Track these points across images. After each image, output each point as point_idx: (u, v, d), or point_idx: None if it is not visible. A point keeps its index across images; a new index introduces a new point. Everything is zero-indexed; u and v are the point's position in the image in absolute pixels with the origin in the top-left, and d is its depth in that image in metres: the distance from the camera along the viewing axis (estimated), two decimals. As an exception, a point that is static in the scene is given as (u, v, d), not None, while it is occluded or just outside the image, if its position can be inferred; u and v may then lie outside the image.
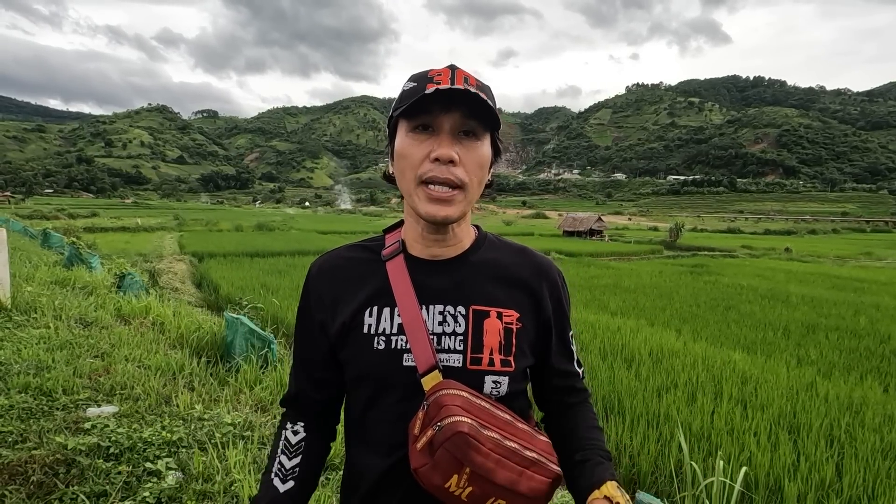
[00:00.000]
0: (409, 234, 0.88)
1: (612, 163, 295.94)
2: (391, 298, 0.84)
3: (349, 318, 0.85)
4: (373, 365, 0.83)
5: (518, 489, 0.72)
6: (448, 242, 0.86)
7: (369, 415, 0.85)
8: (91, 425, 2.64)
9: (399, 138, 0.80)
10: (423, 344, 0.80)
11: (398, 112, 0.78)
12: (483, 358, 0.82)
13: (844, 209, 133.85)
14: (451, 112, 0.76)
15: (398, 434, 0.80)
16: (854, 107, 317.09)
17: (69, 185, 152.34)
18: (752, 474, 3.42)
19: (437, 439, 0.71)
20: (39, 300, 5.40)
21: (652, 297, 12.12)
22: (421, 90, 0.75)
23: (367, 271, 0.88)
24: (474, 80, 0.79)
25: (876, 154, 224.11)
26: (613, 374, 5.42)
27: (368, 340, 0.83)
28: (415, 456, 0.73)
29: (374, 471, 0.83)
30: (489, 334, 0.83)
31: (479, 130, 0.79)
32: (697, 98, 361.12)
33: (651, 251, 33.34)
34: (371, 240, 0.93)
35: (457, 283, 0.85)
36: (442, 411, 0.73)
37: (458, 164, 0.77)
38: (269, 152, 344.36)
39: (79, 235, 17.14)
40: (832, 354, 7.15)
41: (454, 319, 0.83)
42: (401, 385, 0.81)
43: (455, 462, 0.70)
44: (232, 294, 9.74)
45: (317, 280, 0.89)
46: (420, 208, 0.79)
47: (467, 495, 0.71)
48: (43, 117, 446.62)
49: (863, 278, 19.21)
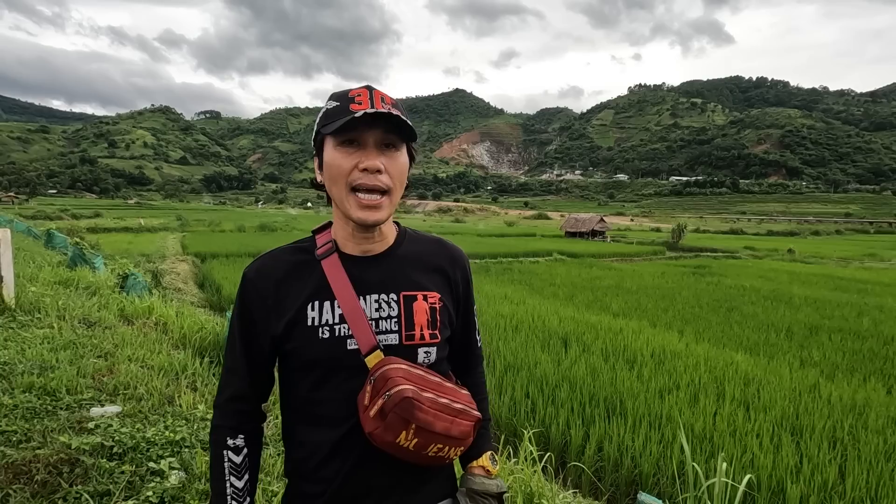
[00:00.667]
0: (339, 234, 1.00)
1: (615, 163, 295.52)
2: (330, 293, 0.95)
3: (293, 314, 0.95)
4: (320, 351, 0.94)
5: (451, 434, 0.91)
6: (376, 240, 0.99)
7: (318, 395, 0.95)
8: (95, 425, 2.65)
9: (328, 152, 0.92)
10: (364, 329, 0.94)
11: (327, 130, 0.89)
12: (415, 334, 0.97)
13: (848, 210, 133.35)
14: (374, 129, 0.89)
15: (348, 408, 0.93)
16: (857, 108, 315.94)
17: (73, 186, 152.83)
18: (754, 476, 3.42)
19: (388, 405, 0.85)
20: (43, 300, 5.42)
21: (654, 299, 12.11)
22: (345, 110, 0.88)
23: (303, 271, 0.98)
24: (390, 99, 0.92)
25: (879, 155, 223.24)
26: (616, 375, 5.42)
27: (314, 331, 0.94)
28: (368, 422, 0.88)
29: (327, 441, 0.95)
30: (418, 314, 0.98)
31: (398, 142, 0.93)
32: (700, 99, 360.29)
33: (653, 252, 33.27)
34: (302, 241, 1.03)
35: (387, 275, 0.99)
36: (388, 383, 0.87)
37: (383, 172, 0.90)
38: (271, 153, 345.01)
39: (82, 236, 17.20)
40: (835, 356, 7.13)
41: (388, 305, 0.97)
42: (346, 366, 0.94)
43: (403, 421, 0.86)
44: (234, 294, 9.75)
45: (256, 283, 0.98)
46: (353, 214, 0.92)
47: (414, 445, 0.88)
48: (47, 118, 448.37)
49: (866, 280, 19.13)
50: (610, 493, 3.70)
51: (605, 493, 3.66)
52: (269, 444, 2.80)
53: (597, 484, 3.75)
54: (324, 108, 0.93)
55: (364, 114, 0.86)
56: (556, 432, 4.25)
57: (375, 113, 0.87)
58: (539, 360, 5.91)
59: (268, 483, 2.37)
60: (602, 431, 4.10)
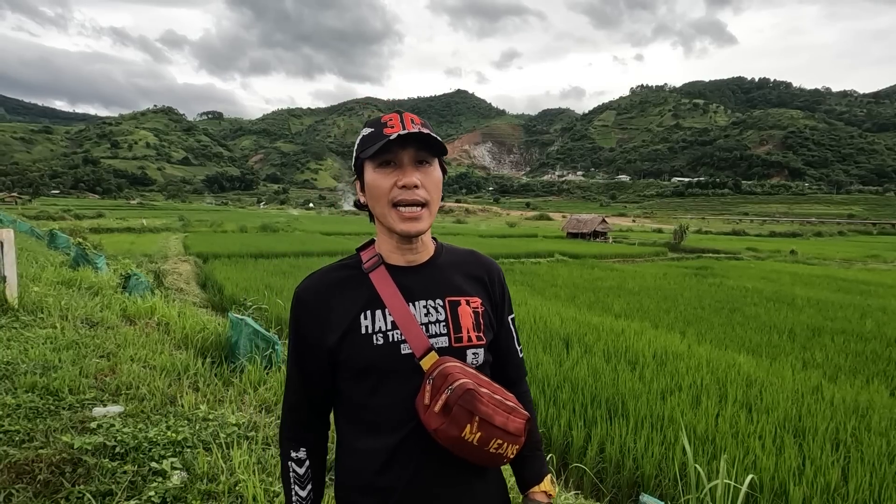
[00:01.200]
0: (384, 247, 1.06)
1: (617, 164, 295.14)
2: (380, 302, 1.01)
3: (347, 325, 0.99)
4: (375, 358, 0.98)
5: (508, 429, 0.93)
6: (419, 250, 1.06)
7: (373, 401, 0.99)
8: (97, 425, 2.65)
9: (369, 174, 0.99)
10: (417, 333, 0.98)
11: (366, 154, 0.96)
12: (463, 336, 1.03)
13: (850, 211, 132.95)
14: (407, 148, 0.96)
15: (405, 412, 0.97)
16: (860, 108, 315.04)
17: (75, 186, 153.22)
18: (756, 478, 3.41)
19: (451, 399, 0.89)
20: (46, 300, 5.44)
21: (656, 300, 12.08)
22: (379, 135, 0.96)
23: (353, 285, 1.03)
24: (419, 119, 0.99)
25: (882, 156, 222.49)
26: (617, 376, 5.41)
27: (367, 339, 0.98)
28: (432, 419, 0.91)
29: (385, 448, 0.98)
30: (463, 317, 1.04)
31: (430, 158, 1.00)
32: (702, 100, 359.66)
33: (655, 253, 33.22)
34: (347, 258, 1.09)
35: (431, 282, 1.05)
36: (448, 378, 0.92)
37: (420, 186, 0.97)
38: (273, 154, 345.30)
39: (85, 236, 17.23)
40: (838, 358, 7.10)
41: (435, 310, 1.03)
42: (401, 370, 0.98)
43: (467, 413, 0.89)
44: (236, 295, 9.77)
45: (307, 301, 1.03)
46: (396, 227, 0.98)
47: (477, 440, 0.91)
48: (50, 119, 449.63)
49: (869, 281, 19.08)
50: (612, 495, 3.70)
51: (607, 495, 3.65)
52: (272, 445, 2.80)
53: (598, 485, 3.74)
54: (360, 135, 1.01)
55: (398, 136, 0.93)
56: (557, 433, 4.24)
57: (407, 134, 0.94)
58: (541, 360, 5.90)
59: (269, 483, 2.37)
60: (604, 433, 4.09)
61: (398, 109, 1.03)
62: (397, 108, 1.28)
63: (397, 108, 1.28)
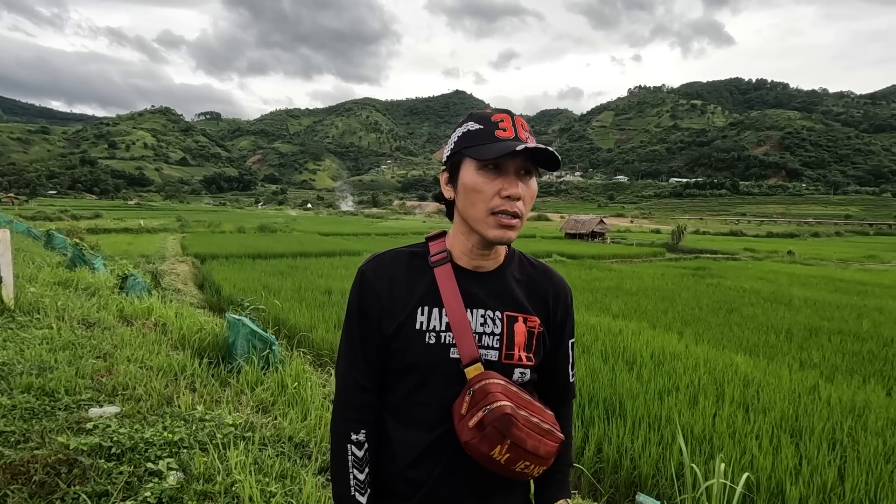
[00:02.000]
0: (457, 246, 1.03)
1: (615, 165, 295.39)
2: (439, 300, 0.99)
3: (404, 317, 0.99)
4: (424, 356, 0.98)
5: (538, 452, 0.93)
6: (490, 257, 1.03)
7: (415, 398, 1.00)
8: (93, 425, 2.64)
9: (469, 173, 0.95)
10: (468, 341, 0.97)
11: (478, 154, 0.92)
12: (514, 354, 1.01)
13: (847, 212, 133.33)
14: (516, 157, 0.93)
15: (442, 413, 0.97)
16: (857, 109, 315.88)
17: (73, 187, 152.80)
18: (753, 477, 3.41)
19: (487, 418, 0.89)
20: (42, 301, 5.43)
21: (654, 300, 12.10)
22: (490, 135, 0.93)
23: (416, 274, 1.02)
24: (527, 126, 0.97)
25: (879, 157, 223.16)
26: (615, 376, 5.41)
27: (420, 335, 0.98)
28: (465, 431, 0.92)
29: (418, 443, 0.99)
30: (518, 335, 1.02)
31: (533, 169, 0.96)
32: (700, 100, 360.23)
33: (653, 254, 33.27)
34: (416, 246, 1.07)
35: (495, 292, 1.03)
36: (488, 397, 0.91)
37: (521, 199, 0.94)
38: (271, 154, 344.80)
39: (82, 237, 17.19)
40: (835, 358, 7.12)
41: (492, 322, 1.01)
42: (445, 373, 0.98)
43: (499, 435, 0.89)
44: (234, 295, 9.76)
45: (373, 282, 1.02)
46: (488, 233, 0.96)
47: (505, 460, 0.91)
48: (47, 119, 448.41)
49: (866, 281, 19.14)
50: (609, 495, 3.70)
51: (605, 495, 3.65)
52: (268, 446, 2.80)
53: (596, 485, 3.75)
54: (464, 127, 0.97)
55: (525, 149, 0.89)
56: (555, 433, 4.23)
57: (533, 148, 0.90)
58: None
59: (266, 484, 2.36)
60: (601, 433, 4.09)
61: (507, 110, 0.97)
62: (507, 109, 1.13)
63: (507, 109, 1.13)
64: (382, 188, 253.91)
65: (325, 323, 7.83)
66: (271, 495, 2.29)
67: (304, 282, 12.19)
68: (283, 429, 3.04)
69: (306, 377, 3.94)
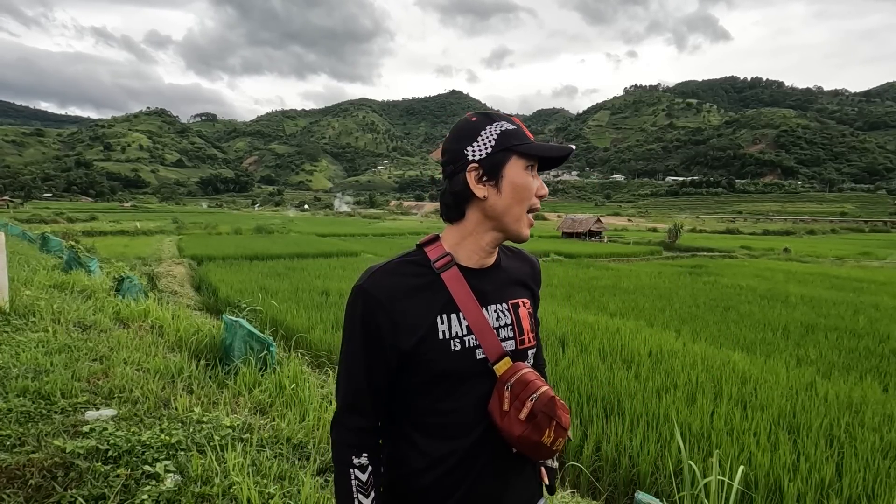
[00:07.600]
0: (464, 247, 1.02)
1: (611, 164, 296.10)
2: (454, 305, 0.99)
3: (424, 330, 0.96)
4: (453, 363, 0.97)
5: (567, 425, 0.97)
6: (494, 253, 1.07)
7: (443, 406, 0.99)
8: (89, 428, 2.63)
9: (518, 172, 0.98)
10: (492, 339, 0.99)
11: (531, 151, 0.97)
12: (526, 338, 1.06)
13: (843, 209, 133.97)
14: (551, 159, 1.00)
15: (476, 415, 0.98)
16: (851, 107, 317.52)
17: (68, 189, 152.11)
18: (751, 474, 3.42)
19: (537, 407, 0.93)
20: (38, 304, 5.39)
21: (651, 298, 12.13)
22: (524, 135, 0.98)
23: (425, 285, 0.99)
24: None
25: (874, 154, 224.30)
26: (613, 374, 5.42)
27: (445, 344, 0.97)
28: (515, 426, 0.94)
29: (457, 450, 0.98)
30: (524, 320, 1.07)
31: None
32: (695, 99, 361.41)
33: (650, 252, 33.36)
34: (411, 254, 1.04)
35: (499, 285, 1.06)
36: (528, 386, 0.95)
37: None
38: (267, 155, 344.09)
39: (77, 239, 17.13)
40: (831, 354, 7.15)
41: (504, 314, 1.04)
42: (474, 375, 0.99)
43: (548, 420, 0.93)
44: (231, 297, 9.73)
45: (378, 299, 0.96)
46: (525, 231, 1.02)
47: (551, 441, 0.95)
48: (41, 121, 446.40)
49: (862, 278, 19.22)
50: (608, 493, 3.70)
51: (604, 493, 3.66)
52: (266, 447, 2.79)
53: (595, 484, 3.75)
54: (498, 127, 0.98)
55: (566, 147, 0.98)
56: (553, 432, 4.24)
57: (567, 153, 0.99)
58: (536, 360, 5.90)
59: (264, 486, 2.35)
60: (600, 431, 4.10)
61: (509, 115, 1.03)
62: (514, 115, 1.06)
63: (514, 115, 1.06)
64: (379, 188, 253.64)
65: (322, 324, 7.81)
66: (269, 497, 2.28)
67: (301, 283, 12.16)
68: (281, 430, 3.02)
69: (304, 378, 3.93)
